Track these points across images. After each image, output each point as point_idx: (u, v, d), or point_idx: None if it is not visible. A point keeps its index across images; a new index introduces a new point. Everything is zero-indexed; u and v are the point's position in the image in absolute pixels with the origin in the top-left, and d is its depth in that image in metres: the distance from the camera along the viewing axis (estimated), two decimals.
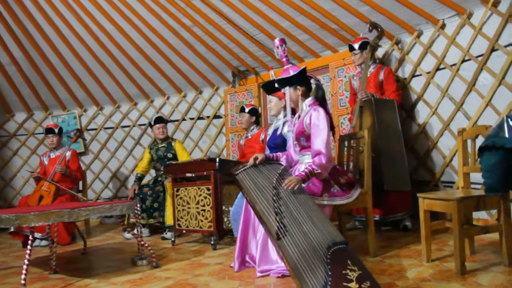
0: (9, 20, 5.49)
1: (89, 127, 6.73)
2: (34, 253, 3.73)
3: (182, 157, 4.96)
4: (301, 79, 2.91)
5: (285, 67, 3.03)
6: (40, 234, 4.29)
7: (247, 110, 4.57)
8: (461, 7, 3.94)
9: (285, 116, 3.77)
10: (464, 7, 3.93)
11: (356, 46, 4.18)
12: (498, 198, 2.53)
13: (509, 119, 1.92)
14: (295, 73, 2.88)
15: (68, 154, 5.04)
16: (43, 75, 6.25)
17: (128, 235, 4.59)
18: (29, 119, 6.83)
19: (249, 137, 4.62)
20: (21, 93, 6.52)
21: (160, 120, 5.10)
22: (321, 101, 2.93)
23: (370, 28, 4.14)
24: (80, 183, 5.31)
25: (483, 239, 3.21)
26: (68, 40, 5.73)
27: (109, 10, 5.29)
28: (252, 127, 4.62)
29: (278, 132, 3.67)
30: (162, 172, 4.88)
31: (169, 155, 5.00)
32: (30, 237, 2.83)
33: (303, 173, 2.62)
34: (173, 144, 5.07)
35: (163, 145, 5.07)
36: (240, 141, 4.88)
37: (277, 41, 3.24)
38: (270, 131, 3.92)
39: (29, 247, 2.77)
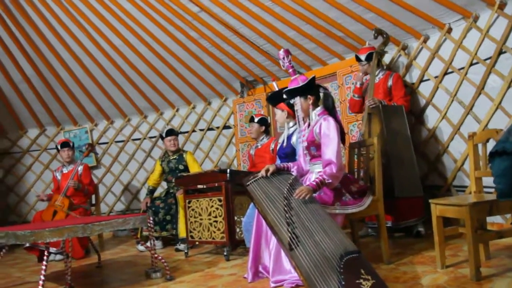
0: (20, 38, 5.62)
1: (100, 141, 6.81)
2: (49, 268, 3.76)
3: (193, 168, 4.98)
4: (310, 88, 2.92)
5: (293, 77, 3.05)
6: (54, 249, 4.34)
7: (256, 120, 4.59)
8: (467, 11, 3.93)
9: (293, 126, 3.79)
10: (470, 11, 3.92)
11: (362, 57, 4.18)
12: (511, 203, 2.51)
13: None
14: (305, 82, 2.89)
15: (80, 168, 5.10)
16: (54, 92, 6.36)
17: (141, 247, 4.61)
18: (42, 134, 6.94)
19: (259, 146, 4.64)
20: (33, 110, 6.64)
21: (171, 132, 5.13)
22: (330, 110, 2.94)
23: (376, 35, 4.15)
24: (93, 196, 5.37)
25: (498, 244, 3.17)
26: (78, 56, 5.84)
27: (117, 26, 5.38)
28: (261, 137, 4.64)
29: (285, 143, 3.68)
30: (173, 184, 4.91)
31: (181, 167, 5.03)
32: (46, 253, 2.86)
33: (314, 183, 2.63)
34: (184, 156, 5.10)
35: (175, 157, 5.10)
36: (250, 151, 4.90)
37: (281, 53, 3.26)
38: (280, 141, 3.94)
39: (44, 262, 2.81)
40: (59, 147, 5.21)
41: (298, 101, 2.95)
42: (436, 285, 2.39)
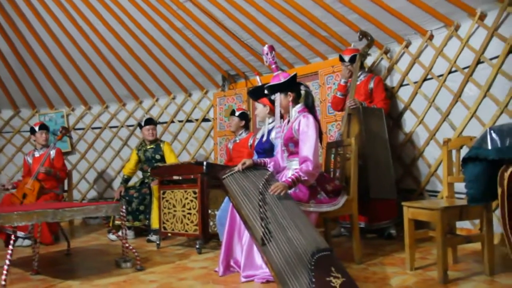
0: None
1: (76, 127, 6.68)
2: (16, 253, 3.67)
3: (170, 159, 4.94)
4: (292, 86, 2.93)
5: (275, 73, 3.05)
6: (22, 233, 4.23)
7: (237, 114, 4.58)
8: (449, 19, 4.00)
9: (273, 121, 3.79)
10: (452, 19, 3.99)
11: (346, 58, 4.20)
12: (481, 208, 2.57)
13: (492, 132, 1.96)
14: (286, 79, 2.89)
15: (53, 152, 5.01)
16: (30, 71, 6.18)
17: (112, 236, 4.55)
18: (16, 116, 6.76)
19: (237, 141, 4.63)
20: (7, 89, 6.44)
21: (149, 121, 5.08)
22: (310, 108, 2.95)
23: (360, 36, 4.18)
24: (66, 182, 5.27)
25: (466, 249, 3.25)
26: (57, 37, 5.68)
27: (100, 10, 5.26)
28: (240, 132, 4.63)
29: (265, 138, 3.68)
30: (149, 174, 4.86)
31: (157, 157, 4.99)
32: (13, 237, 2.79)
33: (290, 179, 2.63)
34: (161, 146, 5.06)
35: (152, 146, 5.05)
36: (228, 145, 4.89)
37: (265, 48, 3.26)
38: (258, 136, 3.93)
39: (10, 247, 2.73)
40: (36, 128, 5.09)
41: (278, 97, 2.95)
42: (405, 286, 2.43)
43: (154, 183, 4.62)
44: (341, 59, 4.27)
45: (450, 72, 4.02)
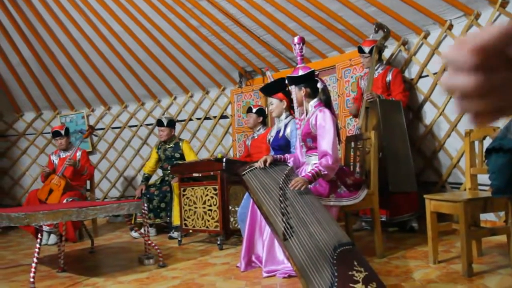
0: (19, 21, 5.56)
1: (97, 127, 6.77)
2: (43, 251, 3.76)
3: (189, 157, 4.98)
4: (308, 80, 2.92)
5: (298, 66, 3.03)
6: (48, 228, 4.33)
7: (254, 110, 4.59)
8: (468, 8, 3.92)
9: (287, 117, 3.79)
10: (472, 8, 3.91)
11: (366, 50, 4.16)
12: (505, 200, 2.52)
13: None
14: (303, 73, 2.89)
15: (79, 154, 5.06)
16: (52, 76, 6.31)
17: (135, 234, 4.62)
18: (38, 118, 6.90)
19: (256, 137, 4.64)
20: (30, 93, 6.59)
21: (159, 123, 5.08)
22: (326, 103, 2.94)
23: (376, 29, 4.14)
24: (88, 182, 5.36)
25: (491, 241, 3.19)
26: (77, 41, 5.78)
27: (118, 11, 5.33)
28: (258, 127, 4.63)
29: (281, 134, 3.68)
30: (169, 171, 4.90)
31: (177, 155, 5.03)
32: (39, 235, 2.85)
33: (310, 174, 2.63)
34: (180, 144, 5.09)
35: (171, 145, 5.09)
36: (246, 141, 4.90)
37: (296, 39, 3.19)
38: (273, 133, 3.92)
39: (37, 245, 2.80)
40: (52, 135, 5.17)
41: (293, 90, 2.95)
42: (428, 280, 2.41)
43: (174, 181, 4.67)
44: (361, 51, 4.23)
45: None
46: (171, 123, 5.09)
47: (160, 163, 5.21)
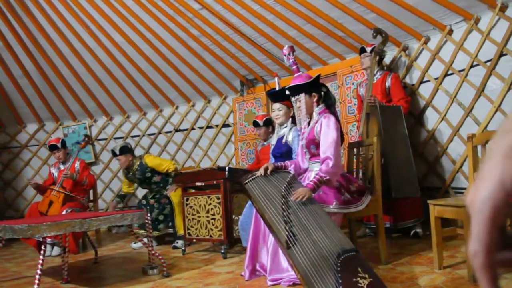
0: (21, 33, 5.61)
1: (99, 137, 6.80)
2: (46, 263, 3.76)
3: (161, 166, 4.80)
4: (316, 86, 2.92)
5: (296, 74, 3.03)
6: (50, 239, 4.32)
7: (261, 123, 4.52)
8: (468, 13, 3.94)
9: (286, 126, 3.77)
10: (472, 13, 3.93)
11: (368, 49, 4.18)
12: None
13: None
14: (311, 79, 2.87)
15: (77, 164, 5.03)
16: (54, 87, 6.35)
17: (135, 245, 4.61)
18: (41, 130, 6.93)
19: (265, 144, 4.61)
20: (32, 105, 6.63)
21: (113, 154, 4.90)
22: (331, 108, 2.93)
23: (374, 34, 4.14)
24: (91, 192, 5.35)
25: None
26: (79, 52, 5.83)
27: (119, 22, 5.37)
28: (270, 135, 4.57)
29: (284, 140, 3.67)
30: (154, 192, 4.84)
31: (148, 175, 4.83)
32: (43, 247, 2.85)
33: (312, 183, 2.60)
34: (144, 162, 4.84)
35: (136, 168, 4.85)
36: (257, 147, 4.87)
37: (285, 49, 3.21)
38: (274, 141, 3.91)
39: (41, 257, 2.79)
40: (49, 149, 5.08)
41: (302, 98, 2.92)
42: (434, 286, 2.39)
43: (170, 190, 4.63)
44: (363, 50, 4.22)
45: (471, 66, 3.95)
46: (125, 150, 4.83)
47: (136, 185, 5.13)
